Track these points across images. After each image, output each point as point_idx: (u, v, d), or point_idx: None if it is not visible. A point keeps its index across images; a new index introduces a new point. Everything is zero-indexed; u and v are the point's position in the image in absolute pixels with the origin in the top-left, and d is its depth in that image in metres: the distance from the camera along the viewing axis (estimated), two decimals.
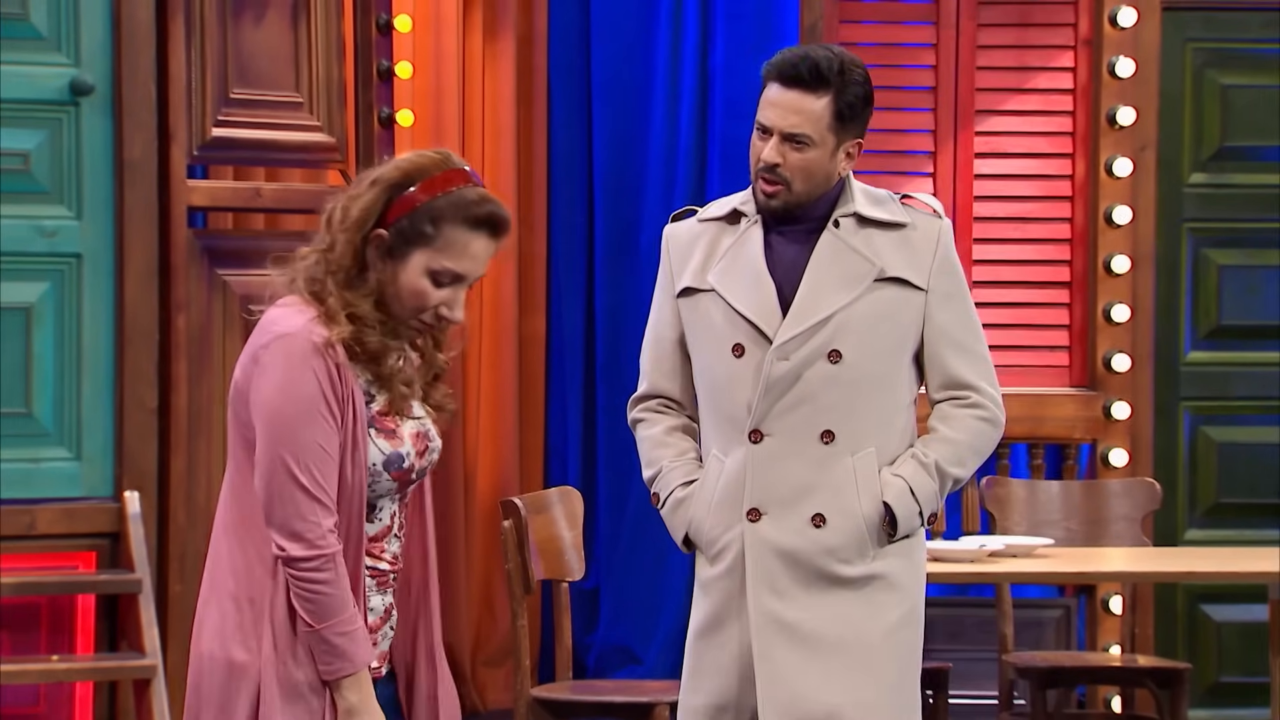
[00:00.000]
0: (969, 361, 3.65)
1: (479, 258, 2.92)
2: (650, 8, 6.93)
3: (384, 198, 2.91)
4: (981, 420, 3.65)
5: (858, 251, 3.61)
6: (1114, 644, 6.29)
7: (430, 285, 2.91)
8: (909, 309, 3.62)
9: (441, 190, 2.91)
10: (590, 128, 6.93)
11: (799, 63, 3.58)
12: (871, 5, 6.51)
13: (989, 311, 6.48)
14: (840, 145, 3.60)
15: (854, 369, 3.58)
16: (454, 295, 2.93)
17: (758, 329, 3.58)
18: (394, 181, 2.92)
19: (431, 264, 2.90)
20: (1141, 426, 6.44)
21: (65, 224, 5.22)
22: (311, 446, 2.85)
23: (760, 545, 3.58)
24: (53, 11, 5.18)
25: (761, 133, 3.61)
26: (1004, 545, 5.37)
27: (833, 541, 3.58)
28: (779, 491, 3.58)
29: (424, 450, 2.99)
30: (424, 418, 3.01)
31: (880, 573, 3.60)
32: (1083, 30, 6.46)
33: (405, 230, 2.90)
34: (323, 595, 2.85)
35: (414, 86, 6.39)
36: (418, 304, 2.92)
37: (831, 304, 3.58)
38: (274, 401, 2.87)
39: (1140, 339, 6.45)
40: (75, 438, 5.21)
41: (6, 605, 5.14)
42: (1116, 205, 6.43)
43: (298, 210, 5.91)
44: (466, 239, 2.91)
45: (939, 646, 6.27)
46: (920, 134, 6.50)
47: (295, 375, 2.86)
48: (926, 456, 3.61)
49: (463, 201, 2.91)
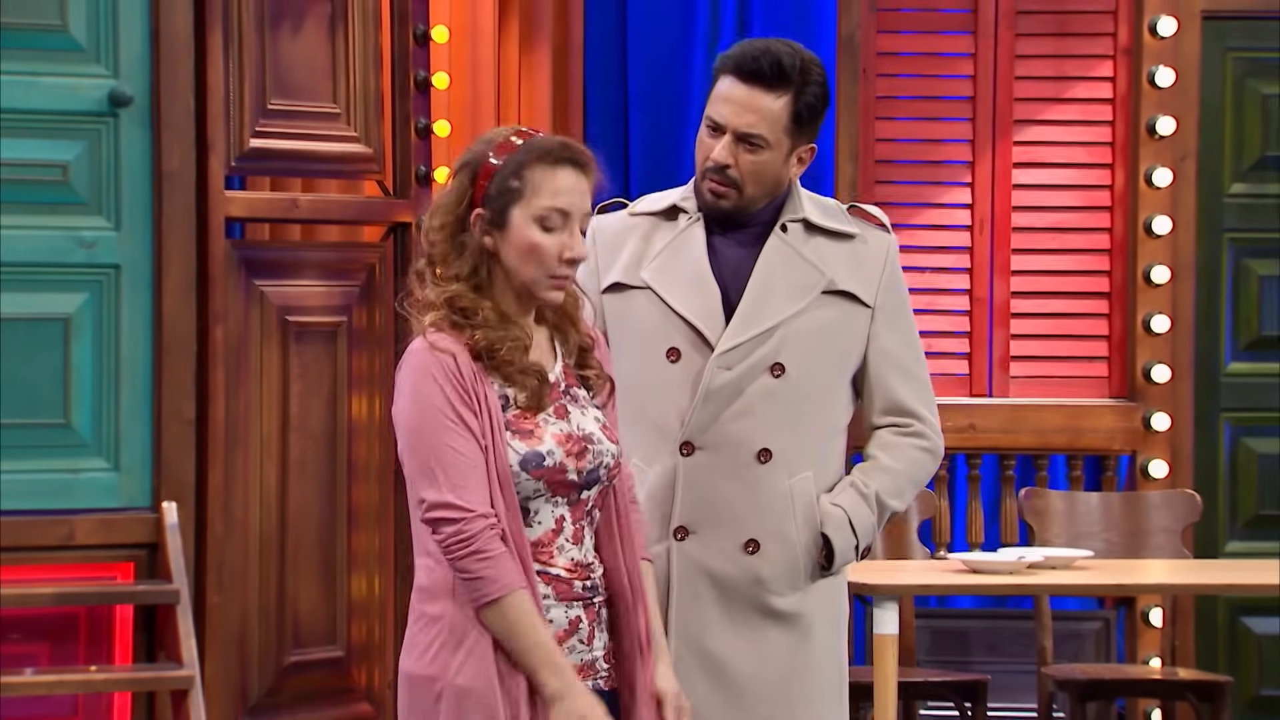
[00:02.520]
0: (913, 387, 3.48)
1: (573, 190, 3.00)
2: (687, 18, 6.97)
3: (467, 178, 3.02)
4: (923, 450, 3.47)
5: (805, 259, 3.43)
6: (1154, 656, 6.30)
7: (541, 233, 2.99)
8: (854, 326, 3.45)
9: (513, 146, 3.00)
10: (627, 138, 6.97)
11: (759, 57, 3.37)
12: (910, 14, 6.54)
13: (1028, 322, 6.51)
14: (794, 149, 3.41)
15: (796, 385, 3.39)
16: (570, 237, 3.00)
17: (699, 333, 3.39)
18: (468, 161, 3.03)
19: (532, 212, 2.99)
20: (1181, 438, 6.45)
21: (104, 235, 5.24)
22: (446, 451, 2.94)
23: (689, 567, 3.38)
24: (91, 23, 5.21)
25: (712, 130, 3.40)
26: (1043, 557, 5.39)
27: (766, 571, 3.38)
28: (710, 511, 3.38)
29: (579, 451, 3.01)
30: (586, 422, 3.04)
31: (809, 611, 3.41)
32: (1122, 39, 6.48)
33: (496, 196, 2.99)
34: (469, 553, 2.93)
35: (451, 97, 6.42)
36: (539, 258, 2.99)
37: (777, 313, 3.40)
38: (406, 414, 2.97)
39: (1180, 350, 6.45)
40: (113, 448, 5.23)
41: (45, 616, 5.15)
42: (1156, 215, 6.45)
43: (335, 221, 5.96)
44: (552, 175, 2.99)
45: (977, 659, 6.29)
46: (958, 144, 6.52)
47: (422, 386, 2.96)
48: (867, 486, 3.43)
49: (535, 146, 3.01)
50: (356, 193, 6.02)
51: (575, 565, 3.03)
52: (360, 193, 6.00)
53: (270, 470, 5.46)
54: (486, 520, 2.94)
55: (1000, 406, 6.45)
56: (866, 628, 5.84)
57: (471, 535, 2.93)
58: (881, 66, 6.49)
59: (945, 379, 6.46)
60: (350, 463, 5.60)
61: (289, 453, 5.48)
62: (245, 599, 5.40)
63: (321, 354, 5.56)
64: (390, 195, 5.80)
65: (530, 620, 2.94)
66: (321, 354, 5.56)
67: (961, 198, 6.51)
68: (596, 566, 3.06)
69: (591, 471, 3.03)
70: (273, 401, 5.47)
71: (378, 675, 5.64)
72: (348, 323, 5.62)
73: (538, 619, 2.95)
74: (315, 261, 5.63)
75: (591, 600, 3.05)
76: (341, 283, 5.62)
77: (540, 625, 2.95)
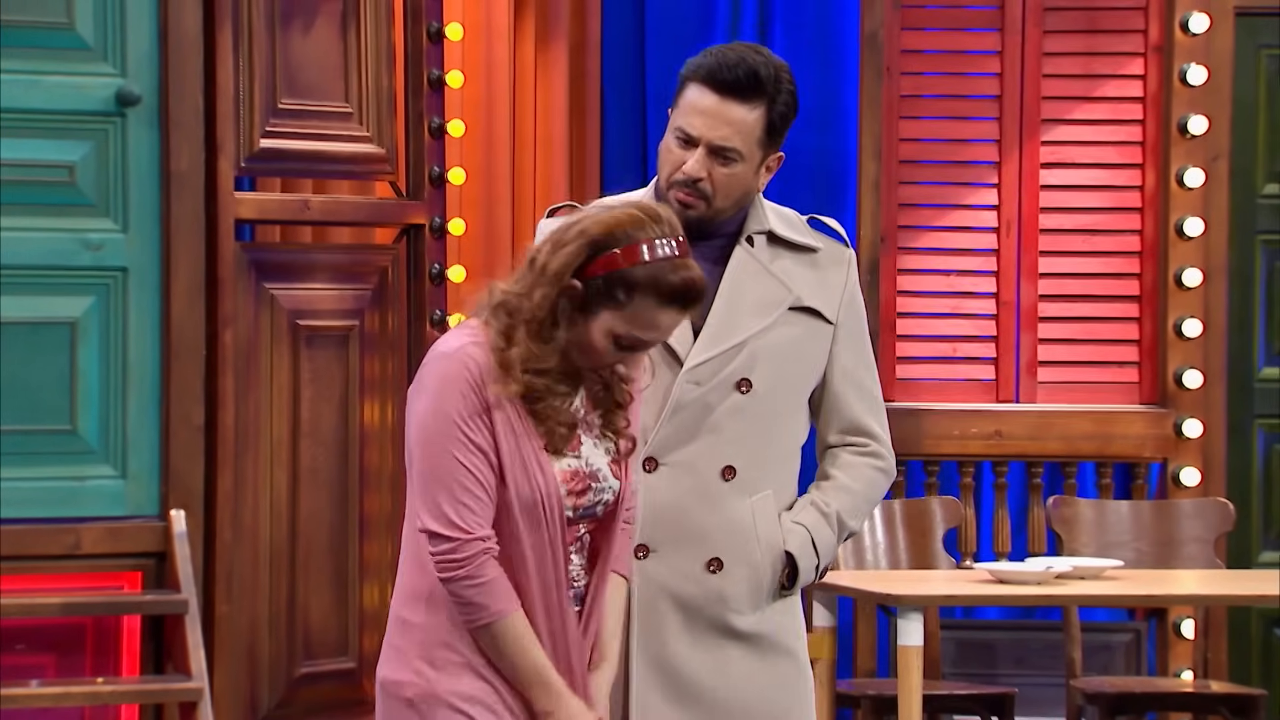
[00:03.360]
0: (869, 406, 3.46)
1: (666, 329, 3.01)
2: (706, 15, 6.95)
3: (585, 253, 2.98)
4: (878, 471, 3.46)
5: (772, 274, 3.40)
6: (1186, 669, 6.28)
7: (611, 346, 2.99)
8: (817, 343, 3.42)
9: (642, 258, 2.97)
10: (645, 137, 6.96)
11: (735, 67, 3.31)
12: (935, 11, 6.52)
13: (1056, 326, 6.49)
14: (764, 160, 3.37)
15: (761, 402, 3.37)
16: (633, 358, 3.03)
17: (668, 348, 3.33)
18: (597, 239, 2.98)
19: (617, 328, 2.98)
20: (1214, 445, 6.42)
21: (111, 237, 5.24)
22: (454, 466, 2.95)
23: (650, 585, 3.35)
24: (99, 21, 5.21)
25: (684, 142, 3.34)
26: (1071, 567, 5.37)
27: (728, 590, 3.36)
28: (671, 529, 3.35)
29: (581, 490, 3.03)
30: (596, 457, 3.06)
31: (770, 631, 3.39)
32: (1153, 36, 6.45)
33: (599, 290, 2.97)
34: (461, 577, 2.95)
35: (465, 96, 6.41)
36: (595, 361, 3.01)
37: (746, 328, 3.37)
38: (423, 418, 2.98)
39: (1212, 354, 6.43)
40: (120, 455, 5.23)
41: (51, 626, 5.16)
42: (1188, 217, 6.42)
43: (347, 223, 5.95)
44: (657, 312, 2.98)
45: (1004, 671, 6.26)
46: (985, 144, 6.49)
47: (445, 392, 2.96)
48: (828, 506, 3.42)
49: (660, 275, 2.97)
50: (369, 194, 6.01)
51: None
52: (373, 194, 6.00)
53: (280, 477, 5.45)
54: (483, 544, 2.96)
55: (1027, 413, 6.42)
56: (891, 639, 5.80)
57: (464, 558, 2.96)
58: (905, 64, 6.48)
59: (971, 385, 6.44)
60: (362, 470, 5.58)
61: (299, 459, 5.47)
62: (255, 609, 5.39)
63: (333, 358, 5.55)
64: (403, 196, 5.78)
65: (521, 644, 2.98)
66: (333, 358, 5.55)
67: (988, 199, 6.49)
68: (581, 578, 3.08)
69: (588, 509, 3.06)
70: (283, 407, 5.46)
71: None
72: (360, 327, 5.60)
73: (528, 641, 2.99)
74: (327, 264, 5.62)
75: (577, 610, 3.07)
76: (353, 286, 5.61)
77: (531, 646, 2.99)
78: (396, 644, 3.03)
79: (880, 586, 5.33)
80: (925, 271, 6.46)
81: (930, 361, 6.48)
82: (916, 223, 6.51)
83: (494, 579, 2.96)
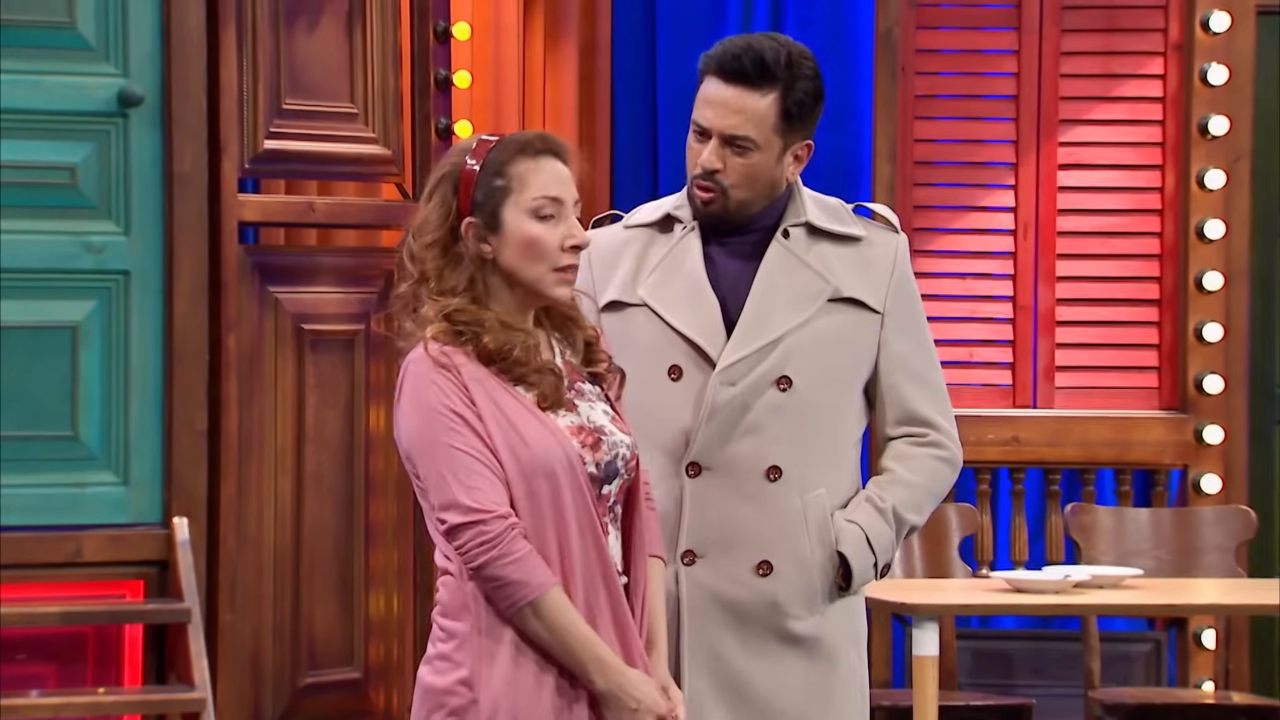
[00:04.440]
0: (928, 395, 3.43)
1: (560, 178, 3.01)
2: (718, 13, 6.95)
3: (449, 190, 3.01)
4: (940, 460, 3.41)
5: (809, 266, 3.37)
6: (1207, 680, 6.27)
7: (539, 225, 2.99)
8: (863, 334, 3.38)
9: (489, 146, 3.02)
10: (655, 138, 6.96)
11: (741, 54, 3.32)
12: (950, 10, 6.51)
13: (1074, 330, 6.47)
14: (788, 148, 3.34)
15: (804, 398, 3.33)
16: (568, 225, 3.01)
17: (699, 349, 3.34)
18: (445, 173, 3.03)
19: (525, 206, 2.99)
20: (1235, 451, 6.42)
21: (113, 240, 5.25)
22: (454, 454, 2.94)
23: (698, 593, 3.33)
24: (100, 20, 5.22)
25: (699, 134, 3.35)
26: (1090, 576, 5.37)
27: (781, 593, 3.32)
28: (718, 533, 3.33)
29: (594, 443, 3.01)
30: (595, 414, 3.04)
31: (828, 635, 3.35)
32: (1173, 35, 6.44)
33: (483, 199, 2.99)
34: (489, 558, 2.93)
35: (473, 96, 6.42)
36: (540, 251, 3.00)
37: (781, 324, 3.34)
38: (411, 421, 2.98)
39: (1234, 359, 6.42)
40: (122, 461, 5.24)
41: (51, 636, 5.17)
42: (1209, 219, 6.41)
43: (352, 225, 5.95)
44: (536, 166, 3.00)
45: (1021, 682, 6.26)
46: (1001, 144, 6.49)
47: (423, 391, 2.96)
48: (883, 501, 3.37)
49: (513, 141, 3.02)
50: (374, 196, 6.01)
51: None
52: (378, 196, 6.00)
53: (285, 484, 5.45)
54: (506, 520, 2.94)
55: (1045, 418, 6.41)
56: (906, 649, 5.79)
57: (494, 537, 2.93)
58: (921, 64, 6.47)
59: (987, 390, 6.44)
60: (368, 476, 5.58)
61: (304, 466, 5.48)
62: (259, 618, 5.39)
63: (338, 363, 5.55)
64: (409, 198, 5.78)
65: (569, 617, 2.95)
66: (338, 363, 5.55)
67: (1005, 201, 6.48)
68: (620, 575, 3.04)
69: (610, 463, 3.02)
70: (287, 412, 5.46)
71: (397, 697, 5.63)
72: (365, 331, 5.60)
73: (575, 614, 2.96)
74: (332, 267, 5.63)
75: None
76: (359, 289, 5.61)
77: (578, 620, 2.96)
78: (441, 650, 3.00)
79: (895, 595, 5.31)
80: (940, 275, 6.44)
81: (945, 366, 6.39)
82: (932, 225, 6.50)
83: (528, 553, 2.93)
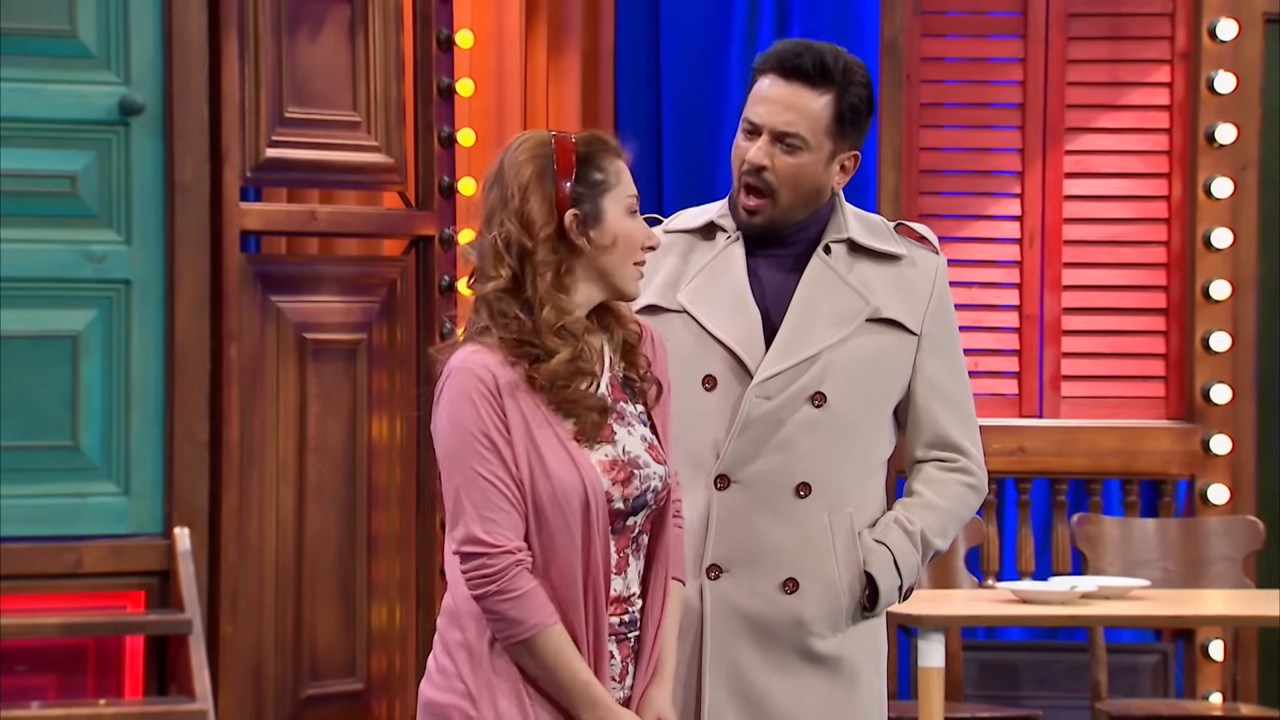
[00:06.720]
0: (959, 420, 3.42)
1: (629, 176, 3.08)
2: (723, 22, 6.97)
3: (549, 187, 3.01)
4: (968, 487, 3.41)
5: (849, 284, 3.38)
6: (1214, 692, 6.27)
7: (632, 220, 3.04)
8: (899, 355, 3.39)
9: (571, 141, 3.04)
10: (659, 147, 6.97)
11: (802, 53, 3.33)
12: (956, 18, 6.53)
13: (1080, 340, 6.49)
14: (836, 155, 3.35)
15: (837, 416, 3.33)
16: (643, 223, 3.07)
17: (738, 360, 3.33)
18: (541, 169, 3.01)
19: (621, 200, 3.04)
20: (1243, 461, 6.42)
21: (114, 249, 5.26)
22: (477, 480, 2.96)
23: (722, 607, 3.32)
24: (101, 28, 5.23)
25: (749, 132, 3.34)
26: (1097, 586, 5.37)
27: (806, 611, 3.32)
28: (745, 548, 3.31)
29: (625, 479, 3.01)
30: (632, 444, 3.04)
31: (850, 654, 3.36)
32: (1180, 43, 6.46)
33: (585, 192, 3.02)
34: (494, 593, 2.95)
35: (475, 104, 6.43)
36: (631, 246, 3.04)
37: (819, 341, 3.34)
38: (444, 434, 2.99)
39: (1241, 369, 6.43)
40: (123, 472, 5.25)
41: (52, 647, 5.17)
42: (1216, 228, 6.42)
43: (354, 234, 5.96)
44: (622, 166, 3.06)
45: (1027, 693, 6.27)
46: (1007, 153, 6.50)
47: (459, 408, 2.97)
48: (912, 524, 3.37)
49: (596, 140, 3.06)
50: (377, 204, 6.03)
51: (615, 599, 3.03)
52: (381, 204, 6.01)
53: (287, 494, 5.46)
54: (513, 557, 2.96)
55: (1051, 428, 6.43)
56: (911, 660, 5.81)
57: (497, 572, 2.95)
58: (926, 72, 6.48)
59: (994, 399, 6.44)
60: (370, 487, 5.59)
61: (306, 476, 5.48)
62: (261, 629, 5.40)
63: (340, 373, 5.56)
64: (412, 207, 5.80)
65: (562, 658, 2.96)
66: (340, 373, 5.56)
67: (1010, 209, 6.50)
68: (636, 600, 3.05)
69: (639, 498, 3.03)
70: (289, 423, 5.47)
71: (399, 709, 5.63)
72: (368, 340, 5.61)
73: (569, 654, 2.96)
74: (334, 276, 5.64)
75: (627, 635, 3.05)
76: (361, 298, 5.62)
77: (573, 660, 2.97)
78: (442, 664, 3.02)
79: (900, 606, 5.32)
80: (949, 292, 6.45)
81: None
82: (937, 234, 6.47)
83: (528, 591, 2.95)
